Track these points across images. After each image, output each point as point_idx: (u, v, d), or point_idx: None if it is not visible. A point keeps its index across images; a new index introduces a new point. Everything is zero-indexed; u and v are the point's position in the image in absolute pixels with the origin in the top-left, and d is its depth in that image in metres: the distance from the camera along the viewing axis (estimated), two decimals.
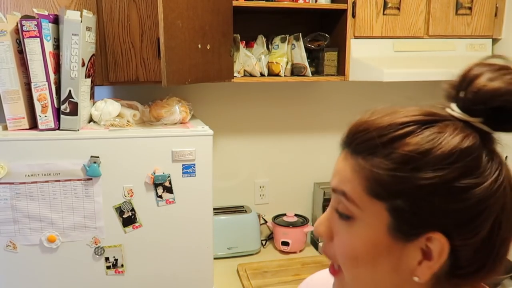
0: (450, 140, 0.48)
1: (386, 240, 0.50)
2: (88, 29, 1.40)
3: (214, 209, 1.51)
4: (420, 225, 0.48)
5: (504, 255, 0.51)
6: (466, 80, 0.51)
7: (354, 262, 0.52)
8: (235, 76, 1.78)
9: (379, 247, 0.50)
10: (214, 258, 1.57)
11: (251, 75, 1.84)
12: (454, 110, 0.51)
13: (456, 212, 0.47)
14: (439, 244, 0.48)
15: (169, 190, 1.43)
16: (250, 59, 1.79)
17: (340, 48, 1.87)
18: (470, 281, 0.52)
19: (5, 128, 1.40)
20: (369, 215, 0.50)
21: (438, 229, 0.48)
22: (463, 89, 0.51)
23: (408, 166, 0.48)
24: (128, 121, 1.52)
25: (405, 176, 0.48)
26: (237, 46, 1.82)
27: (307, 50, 1.86)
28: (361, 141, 0.51)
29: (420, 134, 0.49)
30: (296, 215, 2.11)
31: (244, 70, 1.83)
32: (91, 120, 1.54)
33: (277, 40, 1.89)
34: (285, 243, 2.01)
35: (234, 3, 1.66)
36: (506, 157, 0.54)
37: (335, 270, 0.57)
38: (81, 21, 1.32)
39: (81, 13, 1.32)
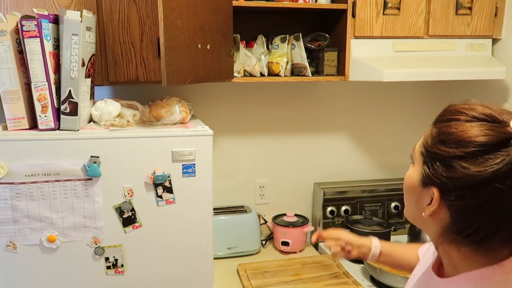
0: (474, 132, 0.65)
1: (417, 182, 0.73)
2: (88, 29, 1.40)
3: (214, 209, 1.51)
4: (430, 179, 0.70)
5: (498, 234, 0.66)
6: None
7: (404, 189, 0.79)
8: (235, 76, 1.78)
9: (413, 185, 0.75)
10: (214, 258, 1.57)
11: (251, 75, 1.84)
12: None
13: (447, 179, 0.67)
14: (435, 197, 0.69)
15: (169, 190, 1.43)
16: (250, 59, 1.79)
17: (340, 48, 1.87)
18: (475, 242, 0.68)
19: (5, 128, 1.40)
20: (416, 163, 0.75)
21: (437, 186, 0.69)
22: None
23: (438, 138, 0.69)
24: (128, 121, 1.52)
25: (434, 144, 0.70)
26: (237, 46, 1.82)
27: (307, 50, 1.86)
28: (439, 116, 0.73)
29: (464, 124, 0.67)
30: (296, 215, 2.11)
31: (244, 70, 1.83)
32: (91, 120, 1.54)
33: (277, 40, 1.89)
34: (285, 243, 2.01)
35: (234, 3, 1.66)
36: None
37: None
38: (81, 21, 1.32)
39: (81, 13, 1.32)
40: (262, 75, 1.84)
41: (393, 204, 2.19)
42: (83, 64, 1.38)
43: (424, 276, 0.85)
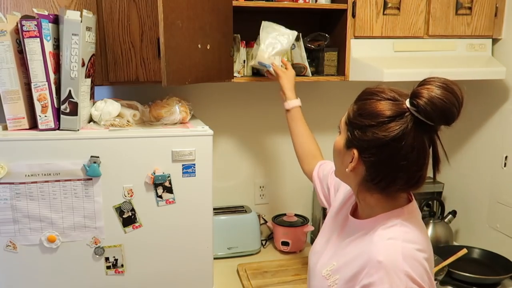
0: (382, 107, 0.90)
1: (342, 146, 1.00)
2: (88, 29, 1.40)
3: (214, 209, 1.51)
4: (351, 143, 0.96)
5: (396, 182, 0.93)
6: (419, 84, 0.90)
7: (334, 153, 1.06)
8: (235, 76, 1.78)
9: (340, 149, 1.01)
10: (214, 258, 1.57)
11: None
12: (408, 99, 0.90)
13: (363, 141, 0.92)
14: (355, 156, 0.95)
15: (169, 190, 1.43)
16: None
17: (340, 48, 1.87)
18: (383, 189, 0.95)
19: (5, 128, 1.40)
20: (342, 131, 1.00)
21: (356, 148, 0.95)
22: (413, 88, 0.90)
23: (357, 112, 0.95)
24: (128, 121, 1.52)
25: (354, 117, 0.95)
26: (237, 46, 1.82)
27: (307, 50, 1.86)
28: (358, 96, 0.98)
29: (378, 102, 0.92)
30: (296, 215, 2.11)
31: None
32: (91, 120, 1.54)
33: None
34: (285, 243, 2.01)
35: (234, 3, 1.66)
36: (506, 157, 0.79)
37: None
38: (81, 21, 1.32)
39: (81, 13, 1.32)
40: (262, 75, 1.85)
41: None
42: (83, 64, 1.38)
43: (339, 218, 1.13)
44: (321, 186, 1.41)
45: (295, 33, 1.72)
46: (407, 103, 0.89)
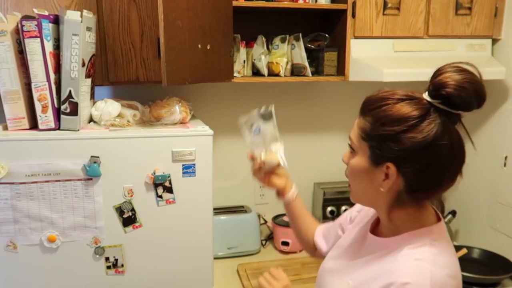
0: (405, 109, 0.80)
1: (367, 165, 0.86)
2: (88, 29, 1.40)
3: (214, 209, 1.51)
4: (382, 158, 0.83)
5: (444, 183, 0.85)
6: (435, 74, 0.81)
7: (353, 177, 0.92)
8: (235, 76, 1.78)
9: (364, 169, 0.87)
10: (214, 258, 1.57)
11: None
12: (424, 94, 0.82)
13: (399, 151, 0.80)
14: (391, 170, 0.82)
15: (169, 190, 1.43)
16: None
17: (340, 48, 1.87)
18: (422, 199, 0.87)
19: (5, 128, 1.40)
20: (361, 151, 0.87)
21: (391, 161, 0.82)
22: (431, 80, 0.81)
23: (379, 122, 0.82)
24: (128, 121, 1.52)
25: (376, 128, 0.83)
26: (237, 46, 1.83)
27: (307, 50, 1.86)
28: (364, 107, 0.87)
29: (394, 106, 0.81)
30: None
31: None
32: (91, 120, 1.54)
33: (277, 40, 1.89)
34: (285, 243, 2.01)
35: (234, 3, 1.66)
36: (506, 157, 0.77)
37: (349, 185, 0.96)
38: (81, 21, 1.32)
39: (81, 13, 1.32)
40: (262, 74, 1.85)
41: None
42: (83, 64, 1.38)
43: (355, 235, 1.04)
44: (329, 237, 1.24)
45: (271, 106, 1.38)
46: (427, 97, 0.81)
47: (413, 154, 0.80)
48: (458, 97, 0.78)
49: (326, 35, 1.89)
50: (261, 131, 1.27)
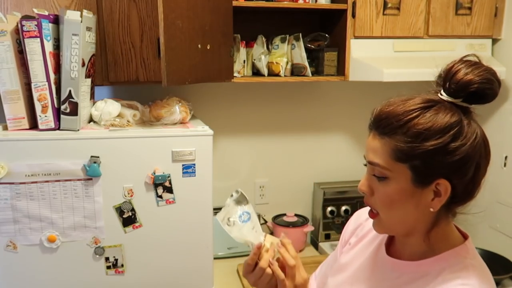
0: (443, 118, 0.72)
1: (410, 189, 0.75)
2: (88, 29, 1.40)
3: (214, 209, 1.51)
4: (430, 175, 0.73)
5: (481, 182, 0.77)
6: (450, 75, 0.75)
7: (390, 206, 0.78)
8: (235, 76, 1.78)
9: (406, 194, 0.75)
10: (214, 258, 1.57)
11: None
12: (443, 95, 0.75)
13: (451, 164, 0.72)
14: (444, 186, 0.73)
15: (169, 190, 1.43)
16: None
17: (340, 48, 1.87)
18: (453, 210, 0.80)
19: (5, 128, 1.40)
20: (397, 174, 0.75)
21: (442, 176, 0.73)
22: (448, 81, 0.75)
23: (419, 138, 0.72)
24: (128, 121, 1.52)
25: (418, 145, 0.72)
26: (237, 46, 1.82)
27: (307, 50, 1.86)
28: (385, 126, 0.75)
29: (424, 116, 0.72)
30: (296, 215, 2.11)
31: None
32: (91, 120, 1.54)
33: (277, 40, 1.89)
34: None
35: (234, 3, 1.66)
36: (506, 157, 0.73)
37: (373, 214, 0.82)
38: (81, 21, 1.32)
39: (81, 13, 1.32)
40: (262, 74, 1.85)
41: None
42: (83, 64, 1.38)
43: (363, 258, 0.92)
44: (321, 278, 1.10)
45: (239, 189, 1.17)
46: (448, 98, 0.75)
47: (466, 163, 0.72)
48: (489, 90, 0.73)
49: (326, 35, 1.89)
50: (251, 216, 1.06)
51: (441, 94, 0.75)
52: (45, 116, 1.37)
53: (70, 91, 1.37)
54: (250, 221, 1.03)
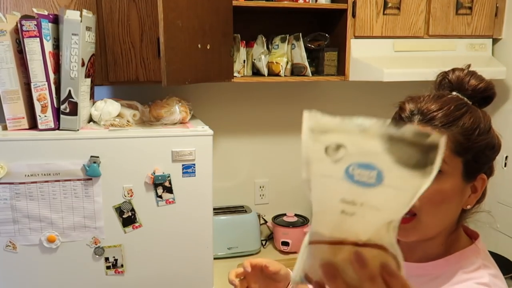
0: (480, 114, 0.76)
1: (460, 184, 0.74)
2: (88, 29, 1.40)
3: (214, 209, 1.51)
4: (478, 171, 0.75)
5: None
6: (465, 81, 0.78)
7: (439, 205, 0.74)
8: (235, 76, 1.78)
9: (458, 190, 0.74)
10: (214, 258, 1.57)
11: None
12: (467, 99, 0.77)
13: (493, 159, 0.76)
14: (482, 181, 0.76)
15: (169, 190, 1.43)
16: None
17: (340, 48, 1.87)
18: (477, 206, 0.80)
19: (5, 128, 1.39)
20: (452, 168, 0.73)
21: (483, 171, 0.76)
22: (465, 84, 0.78)
23: (476, 132, 0.73)
24: (128, 121, 1.52)
25: (475, 139, 0.73)
26: (237, 46, 1.82)
27: (307, 50, 1.86)
28: (441, 117, 0.73)
29: (471, 111, 0.75)
30: (296, 215, 2.11)
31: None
32: (91, 120, 1.53)
33: (277, 40, 1.89)
34: (285, 243, 2.01)
35: (234, 3, 1.66)
36: (506, 157, 0.76)
37: (408, 219, 0.75)
38: (81, 21, 1.32)
39: (81, 13, 1.32)
40: (262, 74, 1.85)
41: None
42: (83, 64, 1.38)
43: None
44: None
45: None
46: (468, 100, 0.77)
47: (493, 158, 0.77)
48: (494, 94, 0.79)
49: (326, 35, 1.88)
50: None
51: (465, 98, 0.78)
52: (45, 116, 1.37)
53: (69, 91, 1.37)
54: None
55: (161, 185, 1.41)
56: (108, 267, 1.43)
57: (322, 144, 0.50)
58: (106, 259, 1.43)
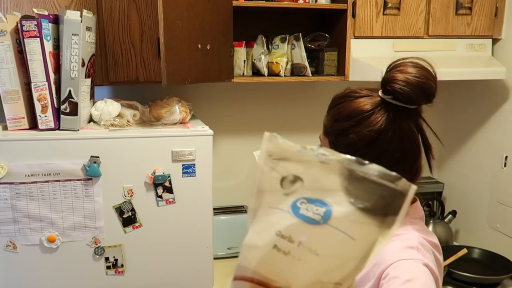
0: (356, 105, 0.85)
1: None
2: (88, 29, 1.40)
3: (214, 209, 1.51)
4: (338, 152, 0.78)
5: (407, 170, 0.84)
6: (386, 71, 0.87)
7: None
8: (235, 76, 1.78)
9: None
10: (214, 258, 1.57)
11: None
12: (379, 92, 0.86)
13: (349, 145, 0.84)
14: None
15: (169, 190, 1.43)
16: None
17: (340, 48, 1.87)
18: None
19: (5, 128, 1.40)
20: (324, 144, 0.92)
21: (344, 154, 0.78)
22: (383, 80, 0.86)
23: (334, 118, 0.89)
24: (128, 121, 1.52)
25: (332, 124, 0.89)
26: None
27: (307, 50, 1.86)
28: (329, 105, 0.93)
29: (344, 102, 0.88)
30: None
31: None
32: (91, 120, 1.53)
33: (277, 40, 1.89)
34: None
35: (234, 3, 1.66)
36: (506, 157, 0.73)
37: None
38: (81, 21, 1.32)
39: (81, 13, 1.32)
40: (262, 74, 1.85)
41: None
42: (83, 64, 1.38)
43: None
44: None
45: None
46: (380, 93, 0.85)
47: (362, 148, 0.83)
48: (403, 93, 0.81)
49: (326, 35, 1.88)
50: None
51: (380, 92, 0.87)
52: (45, 116, 1.37)
53: (70, 91, 1.37)
54: None
55: (161, 185, 1.41)
56: (108, 267, 1.43)
57: (278, 173, 0.44)
58: (106, 259, 1.43)
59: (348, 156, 0.42)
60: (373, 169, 0.39)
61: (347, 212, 0.39)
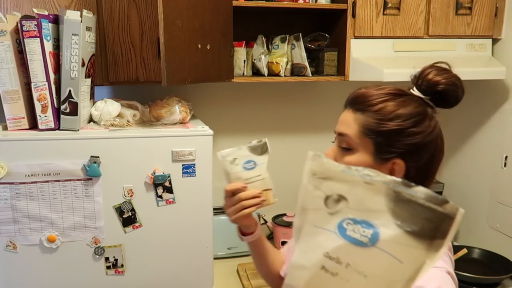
0: (409, 106, 0.83)
1: (371, 162, 0.83)
2: (88, 29, 1.40)
3: (214, 209, 1.51)
4: (390, 153, 0.82)
5: (434, 176, 0.87)
6: (422, 75, 0.88)
7: None
8: (235, 76, 1.78)
9: (366, 165, 0.83)
10: (214, 258, 1.57)
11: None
12: (414, 91, 0.87)
13: (408, 146, 0.82)
14: (399, 166, 0.83)
15: (169, 190, 1.43)
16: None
17: (340, 48, 1.87)
18: None
19: (5, 128, 1.40)
20: (362, 147, 0.84)
21: (399, 156, 0.82)
22: (421, 79, 0.87)
23: (386, 118, 0.82)
24: (128, 121, 1.52)
25: (384, 124, 0.82)
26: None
27: (307, 50, 1.86)
28: (360, 103, 0.86)
29: (394, 101, 0.84)
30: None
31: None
32: (91, 120, 1.54)
33: (277, 40, 1.89)
34: (285, 243, 2.01)
35: (234, 3, 1.66)
36: (506, 157, 0.77)
37: None
38: (81, 21, 1.32)
39: (81, 13, 1.32)
40: (262, 74, 1.85)
41: None
42: (83, 64, 1.38)
43: None
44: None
45: (265, 139, 1.19)
46: (418, 93, 0.86)
47: (421, 149, 0.83)
48: (451, 92, 0.85)
49: (326, 35, 1.89)
50: (257, 166, 1.10)
51: (413, 90, 0.87)
52: (45, 116, 1.37)
53: (70, 91, 1.37)
54: (253, 171, 1.07)
55: (161, 185, 1.42)
56: (108, 267, 1.43)
57: (322, 192, 0.45)
58: (106, 259, 1.43)
59: (394, 178, 0.42)
60: (420, 192, 0.40)
61: (394, 235, 0.39)
